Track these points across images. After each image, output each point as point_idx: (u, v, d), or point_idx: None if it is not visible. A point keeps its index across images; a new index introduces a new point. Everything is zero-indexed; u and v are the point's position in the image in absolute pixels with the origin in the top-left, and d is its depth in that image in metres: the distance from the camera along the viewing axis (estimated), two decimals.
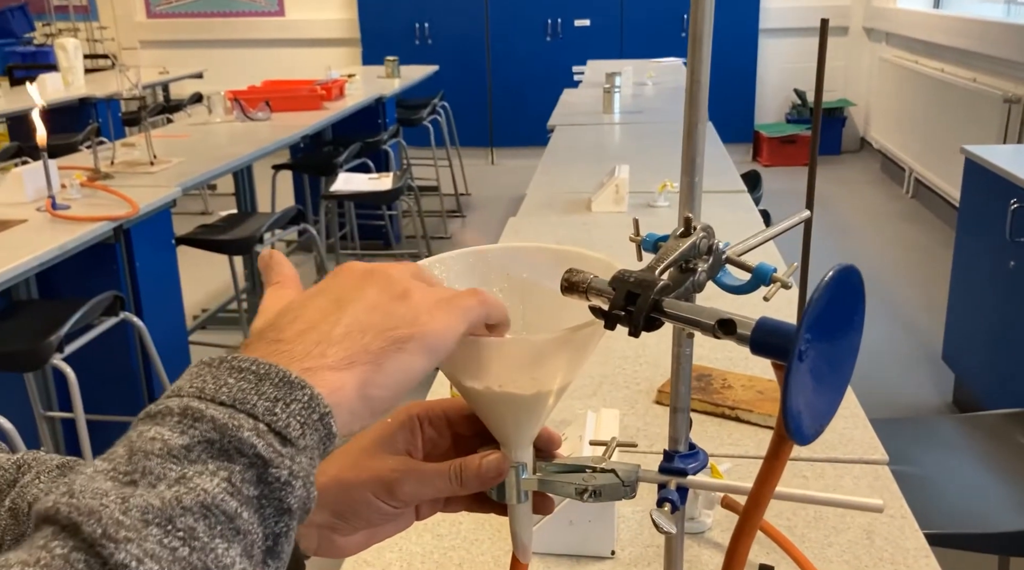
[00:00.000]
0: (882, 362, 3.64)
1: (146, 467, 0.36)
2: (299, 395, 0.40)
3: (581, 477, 0.60)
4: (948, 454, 1.74)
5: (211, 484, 0.36)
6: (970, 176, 3.10)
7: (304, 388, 0.40)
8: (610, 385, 1.41)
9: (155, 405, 0.39)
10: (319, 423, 0.40)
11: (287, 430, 0.38)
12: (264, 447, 0.37)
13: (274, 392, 0.39)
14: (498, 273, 0.61)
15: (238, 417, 0.38)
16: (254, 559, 0.36)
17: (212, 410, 0.38)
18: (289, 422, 0.39)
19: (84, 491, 0.34)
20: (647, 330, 0.49)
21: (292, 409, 0.39)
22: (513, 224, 2.34)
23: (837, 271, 0.43)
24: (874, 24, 7.13)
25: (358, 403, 0.43)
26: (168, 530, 0.34)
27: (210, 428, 0.37)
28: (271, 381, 0.39)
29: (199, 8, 8.14)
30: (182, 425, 0.37)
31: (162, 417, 0.38)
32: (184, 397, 0.39)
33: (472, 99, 7.48)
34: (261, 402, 0.39)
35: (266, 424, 0.38)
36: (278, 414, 0.39)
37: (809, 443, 0.45)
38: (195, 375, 0.40)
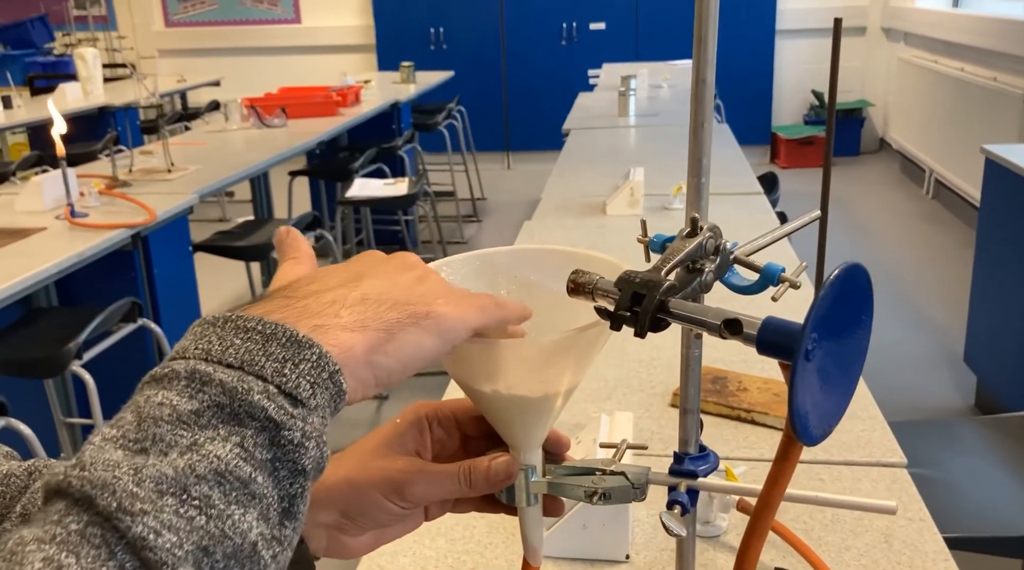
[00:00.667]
0: (903, 364, 3.60)
1: (156, 434, 0.35)
2: (307, 354, 0.39)
3: (591, 480, 0.60)
4: (969, 457, 1.72)
5: (224, 450, 0.35)
6: (991, 176, 3.06)
7: (312, 347, 0.39)
8: (625, 388, 1.41)
9: (160, 368, 0.38)
10: (329, 381, 0.39)
11: (297, 391, 0.38)
12: (275, 410, 0.37)
13: (282, 352, 0.38)
14: (506, 275, 0.61)
15: (247, 380, 0.37)
16: (271, 522, 0.36)
17: (220, 373, 0.37)
18: (299, 382, 0.38)
19: (95, 463, 0.33)
20: (653, 331, 0.48)
21: (301, 369, 0.38)
22: (528, 228, 2.33)
23: (843, 270, 0.42)
24: (892, 24, 7.08)
25: (365, 368, 0.42)
26: (183, 499, 0.33)
27: (219, 392, 0.37)
28: (278, 341, 0.39)
29: (216, 17, 8.20)
30: (190, 389, 0.37)
31: (169, 381, 0.37)
32: (190, 359, 0.38)
33: (488, 104, 7.49)
34: (269, 363, 0.38)
35: (276, 386, 0.38)
36: (287, 375, 0.38)
37: (816, 443, 0.44)
38: (199, 335, 0.39)
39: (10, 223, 2.64)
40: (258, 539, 0.35)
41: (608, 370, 1.46)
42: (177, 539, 0.32)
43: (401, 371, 0.44)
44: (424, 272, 0.48)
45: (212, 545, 0.33)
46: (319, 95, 4.78)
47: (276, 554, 0.36)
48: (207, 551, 0.33)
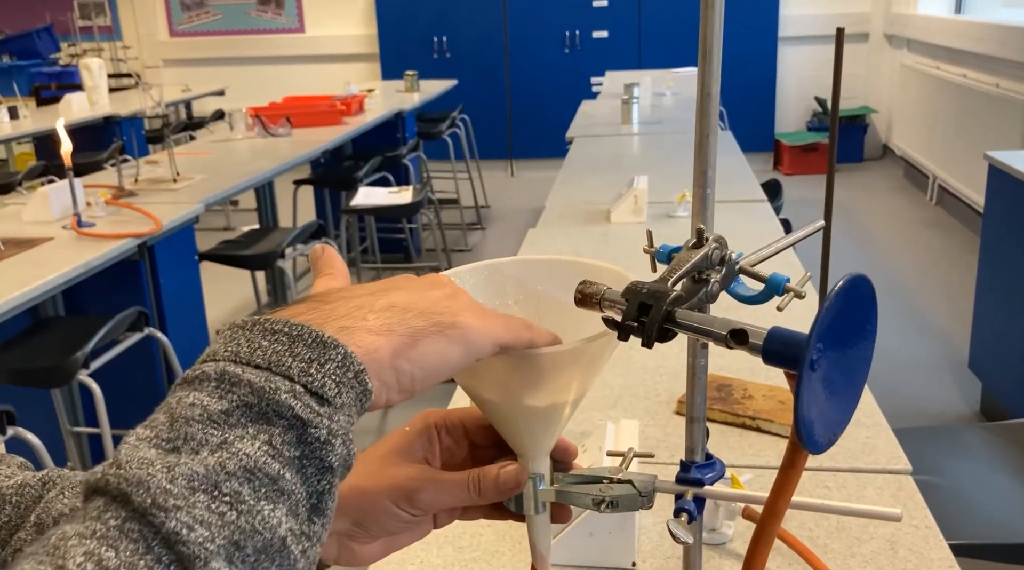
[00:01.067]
0: (908, 371, 3.60)
1: (188, 433, 0.36)
2: (333, 354, 0.40)
3: (598, 488, 0.60)
4: (975, 463, 1.72)
5: (252, 448, 0.36)
6: (994, 182, 3.07)
7: (337, 347, 0.40)
8: (631, 396, 1.41)
9: (192, 371, 0.40)
10: (354, 380, 0.40)
11: (323, 390, 0.39)
12: (302, 408, 0.38)
13: (308, 353, 0.40)
14: (513, 285, 0.62)
15: (274, 380, 0.38)
16: (300, 518, 0.37)
17: (248, 374, 0.38)
18: (324, 382, 0.39)
19: (130, 461, 0.35)
20: (660, 341, 0.49)
21: (327, 369, 0.40)
22: (532, 236, 2.34)
23: (848, 280, 0.43)
24: (895, 31, 7.09)
25: (389, 372, 0.43)
26: (215, 495, 0.34)
27: (247, 392, 0.38)
28: (304, 342, 0.40)
29: (220, 26, 8.24)
30: (220, 390, 0.38)
31: (199, 383, 0.39)
32: (220, 361, 0.39)
33: (491, 112, 7.51)
34: (296, 363, 0.39)
35: (302, 385, 0.39)
36: (313, 374, 0.39)
37: (822, 452, 0.45)
38: (229, 339, 0.41)
39: (17, 233, 2.65)
40: (287, 534, 0.36)
41: (614, 378, 1.47)
42: (209, 534, 0.33)
43: (424, 378, 0.45)
44: (454, 290, 0.49)
45: (243, 539, 0.34)
46: (323, 104, 4.80)
47: (305, 549, 0.37)
48: (238, 545, 0.34)
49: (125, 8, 8.33)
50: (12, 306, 2.16)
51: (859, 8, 7.34)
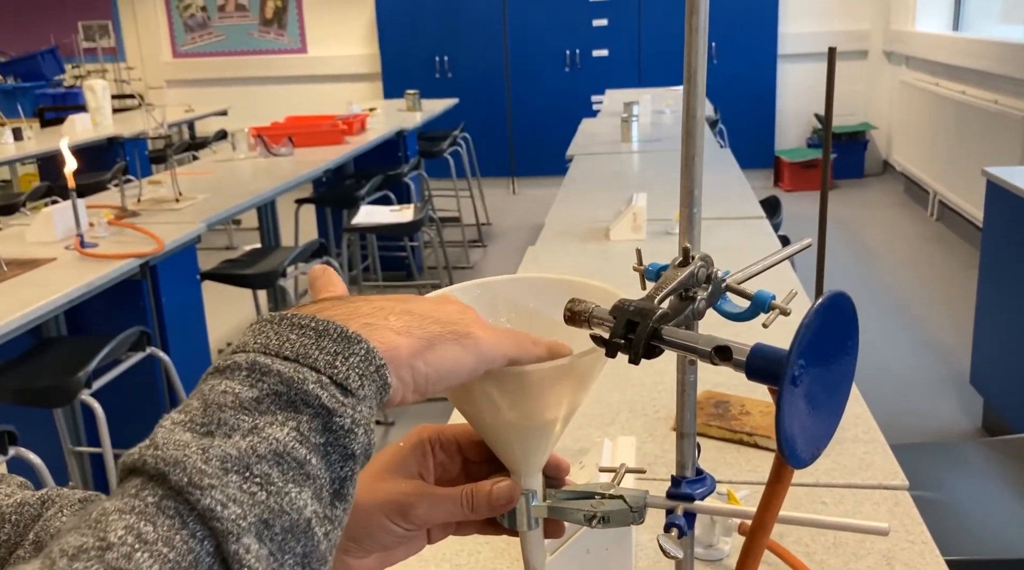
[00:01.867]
0: (910, 387, 3.60)
1: (220, 419, 0.38)
2: (356, 349, 0.42)
3: (590, 504, 0.61)
4: (974, 479, 1.72)
5: (282, 433, 0.38)
6: (992, 198, 3.08)
7: (361, 342, 0.42)
8: (628, 413, 1.42)
9: (223, 360, 0.42)
10: (375, 374, 0.42)
11: (347, 381, 0.41)
12: (328, 398, 0.40)
13: (333, 347, 0.42)
14: (505, 304, 0.63)
15: (302, 371, 0.40)
16: (323, 501, 0.39)
17: (278, 365, 0.40)
18: (349, 374, 0.41)
19: (167, 443, 0.37)
20: (647, 357, 0.50)
21: (351, 362, 0.42)
22: (532, 253, 2.35)
23: (827, 298, 0.44)
24: (894, 47, 7.13)
25: (407, 370, 0.45)
26: (246, 476, 0.36)
27: (277, 381, 0.40)
28: (330, 336, 0.42)
29: (223, 47, 8.30)
30: (251, 379, 0.40)
31: (231, 372, 0.41)
32: (250, 352, 0.41)
33: (493, 130, 7.55)
34: (322, 356, 0.41)
35: (328, 376, 0.41)
36: (338, 367, 0.41)
37: (805, 466, 0.45)
38: (258, 332, 0.43)
39: (21, 254, 2.67)
40: (312, 516, 0.38)
41: (611, 394, 1.47)
42: (241, 511, 0.35)
43: (437, 381, 0.47)
44: (464, 307, 0.51)
45: (271, 518, 0.36)
46: (325, 124, 4.83)
47: (328, 532, 0.39)
48: (267, 524, 0.36)
49: (129, 29, 8.40)
50: (16, 326, 2.17)
51: (858, 26, 7.38)
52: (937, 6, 6.58)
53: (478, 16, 7.41)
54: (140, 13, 8.32)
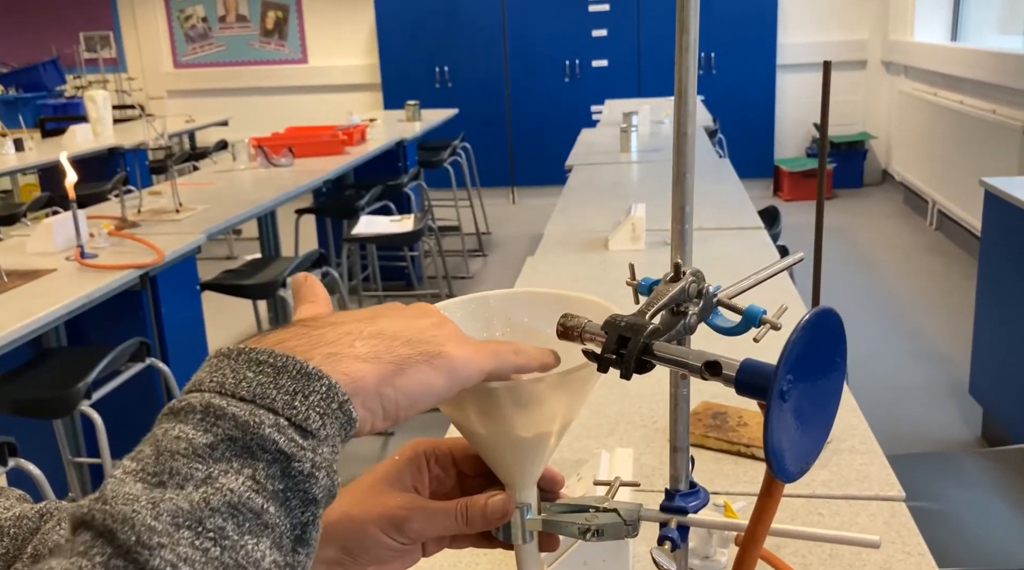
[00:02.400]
0: (909, 397, 3.60)
1: (173, 467, 0.37)
2: (317, 386, 0.41)
3: (584, 517, 0.61)
4: (972, 490, 1.72)
5: (237, 483, 0.37)
6: (990, 208, 3.09)
7: (322, 379, 0.41)
8: (627, 424, 1.42)
9: (178, 401, 0.40)
10: (338, 411, 0.41)
11: (307, 422, 0.40)
12: (285, 442, 0.39)
13: (292, 385, 0.40)
14: (500, 318, 0.64)
15: (258, 413, 0.39)
16: (284, 549, 0.38)
17: (233, 407, 0.39)
18: (308, 414, 0.40)
19: (116, 497, 0.35)
20: (638, 373, 0.50)
21: (311, 400, 0.40)
22: (531, 263, 2.36)
23: (814, 314, 0.44)
24: (892, 58, 7.15)
25: (374, 399, 0.44)
26: (199, 532, 0.35)
27: (232, 426, 0.38)
28: (289, 374, 0.41)
29: (224, 58, 8.33)
30: (205, 423, 0.38)
31: (185, 414, 0.39)
32: (205, 392, 0.40)
33: (493, 140, 7.57)
34: (280, 396, 0.40)
35: (286, 418, 0.39)
36: (297, 407, 0.40)
37: (794, 480, 0.46)
38: (215, 367, 0.41)
39: (21, 264, 2.68)
40: (271, 566, 0.37)
41: (609, 406, 1.48)
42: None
43: (408, 406, 0.45)
44: (441, 320, 0.49)
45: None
46: (326, 134, 4.85)
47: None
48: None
49: (130, 40, 8.43)
50: (16, 337, 2.18)
51: (856, 36, 7.41)
52: (935, 16, 6.60)
53: (478, 26, 7.44)
54: (141, 24, 8.35)
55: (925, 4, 6.60)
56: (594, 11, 7.31)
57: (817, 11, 7.40)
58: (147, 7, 8.31)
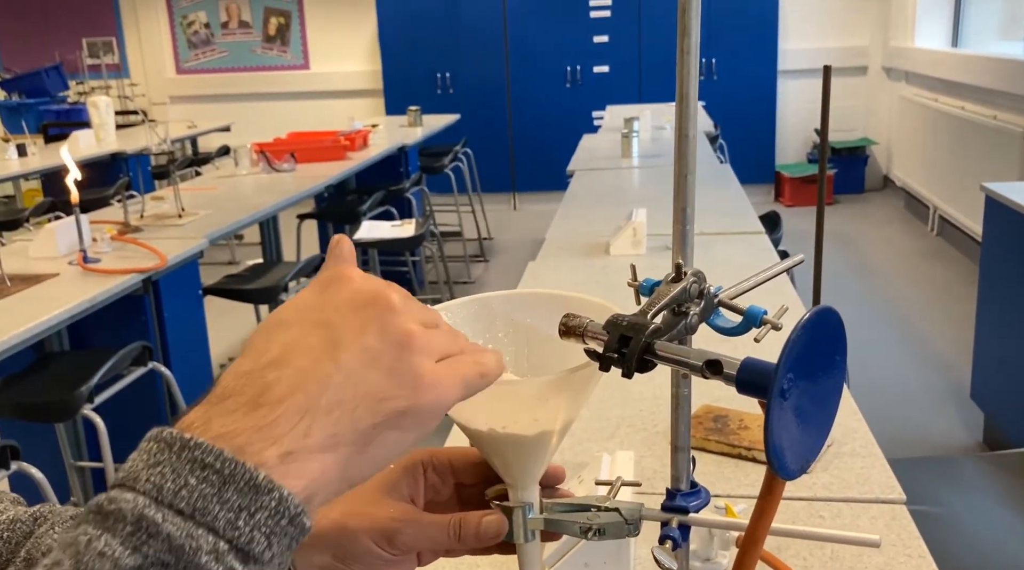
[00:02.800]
0: (910, 402, 3.60)
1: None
2: (266, 501, 0.37)
3: (586, 516, 0.62)
4: (973, 494, 1.72)
5: None
6: (991, 214, 3.09)
7: (272, 492, 0.37)
8: (628, 427, 1.42)
9: (108, 501, 0.36)
10: (289, 526, 0.38)
11: (250, 546, 0.36)
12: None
13: (238, 500, 0.36)
14: (502, 319, 0.64)
15: (196, 535, 0.35)
16: None
17: (168, 525, 0.35)
18: (252, 536, 0.36)
19: None
20: (640, 372, 0.51)
21: (257, 520, 0.36)
22: (532, 268, 2.36)
23: (814, 313, 0.45)
24: (893, 63, 7.17)
25: (339, 485, 0.41)
26: None
27: (165, 549, 0.35)
28: (236, 486, 0.36)
29: (227, 63, 8.35)
30: (135, 539, 0.35)
31: (114, 522, 0.35)
32: (140, 495, 0.36)
33: (494, 145, 7.59)
34: (223, 513, 0.36)
35: (227, 541, 0.36)
36: (241, 528, 0.36)
37: (795, 478, 0.46)
38: (154, 461, 0.37)
39: (24, 269, 2.68)
40: None
41: (612, 409, 1.48)
42: None
43: (377, 469, 0.43)
44: (405, 332, 0.43)
45: None
46: (327, 139, 4.86)
47: None
48: None
49: (133, 46, 8.46)
50: (18, 341, 2.18)
51: (857, 42, 7.42)
52: (936, 22, 6.62)
53: (479, 33, 7.46)
54: (144, 30, 8.38)
55: (926, 10, 6.62)
56: (595, 17, 7.32)
57: (818, 17, 7.42)
58: (150, 13, 8.34)
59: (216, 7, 8.24)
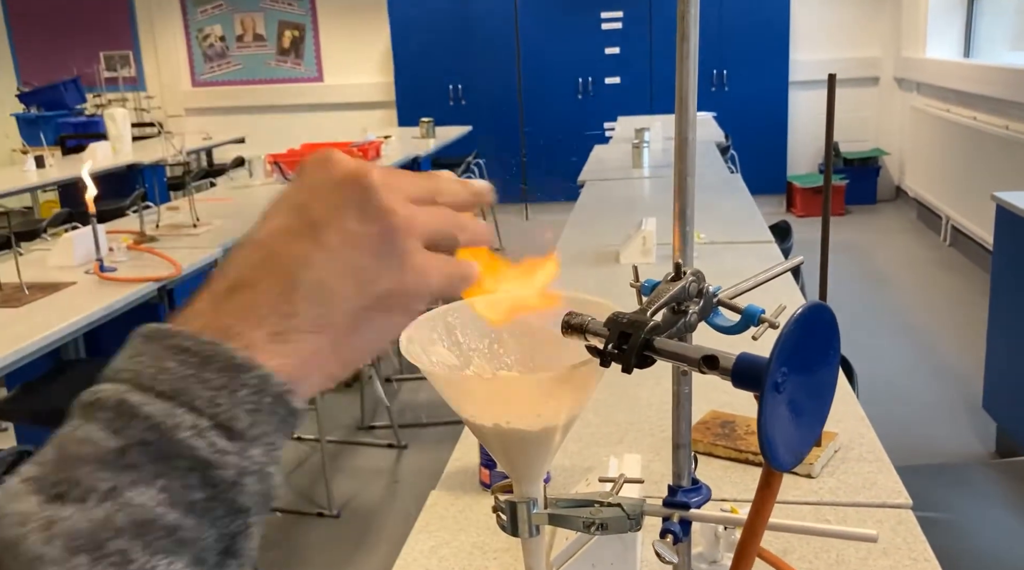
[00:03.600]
0: (923, 411, 3.59)
1: (75, 478, 0.33)
2: (246, 379, 0.36)
3: (589, 511, 0.63)
4: (983, 501, 1.72)
5: (146, 497, 0.33)
6: (1002, 223, 3.09)
7: (252, 371, 0.36)
8: (636, 432, 1.44)
9: (91, 392, 0.36)
10: (274, 406, 0.36)
11: (233, 422, 0.35)
12: (205, 448, 0.34)
13: (218, 379, 0.35)
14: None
15: (176, 414, 0.34)
16: (208, 563, 0.34)
17: (148, 406, 0.34)
18: (234, 413, 0.35)
19: (6, 516, 0.32)
20: (639, 367, 0.52)
21: (239, 396, 0.35)
22: None
23: (806, 308, 0.46)
24: (905, 74, 7.16)
25: (334, 368, 0.40)
26: (97, 557, 0.31)
27: (145, 428, 0.34)
28: (216, 366, 0.36)
29: (242, 76, 8.43)
30: (116, 423, 0.34)
31: (95, 411, 0.35)
32: (120, 384, 0.36)
33: (506, 156, 7.62)
34: (203, 391, 0.35)
35: (209, 418, 0.35)
36: (222, 404, 0.35)
37: (788, 469, 0.48)
38: (135, 352, 0.37)
39: (42, 278, 2.72)
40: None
41: (620, 414, 1.49)
42: None
43: (370, 354, 0.42)
44: (385, 209, 0.40)
45: None
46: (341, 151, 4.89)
47: None
48: None
49: (149, 59, 8.55)
50: (36, 349, 2.21)
51: (869, 53, 7.43)
52: (948, 33, 6.61)
53: (492, 45, 7.51)
54: (160, 43, 8.47)
55: (937, 21, 6.62)
56: (607, 29, 7.36)
57: (829, 28, 7.43)
58: (166, 27, 8.43)
59: (231, 21, 8.32)
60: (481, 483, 1.28)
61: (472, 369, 0.62)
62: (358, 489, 3.23)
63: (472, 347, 0.64)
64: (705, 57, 7.21)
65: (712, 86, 7.25)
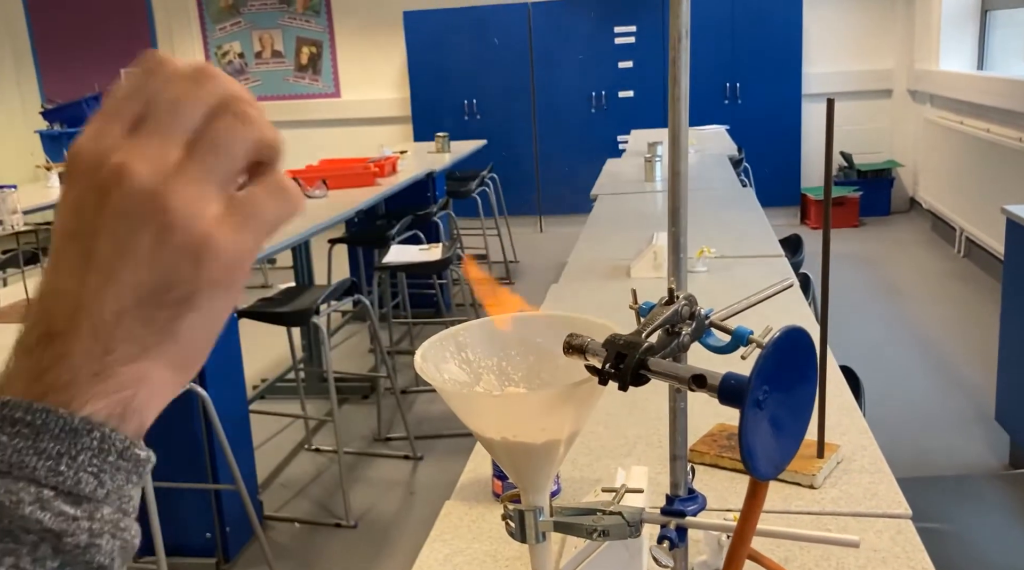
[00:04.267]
0: (935, 423, 3.60)
1: None
2: (86, 442, 0.35)
3: (591, 519, 0.68)
4: (989, 513, 1.75)
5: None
6: (1013, 235, 3.11)
7: (92, 432, 0.35)
8: (644, 445, 1.48)
9: None
10: (119, 461, 0.35)
11: (78, 487, 0.34)
12: (51, 519, 0.33)
13: (56, 447, 0.34)
14: (515, 339, 0.71)
15: (15, 489, 0.33)
16: None
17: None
18: (78, 478, 0.34)
19: None
20: (634, 385, 0.57)
21: (80, 461, 0.34)
22: (555, 290, 2.43)
23: (783, 332, 0.51)
24: (918, 86, 7.18)
25: (179, 376, 0.38)
26: None
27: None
28: (51, 434, 0.34)
29: (260, 92, 8.55)
30: None
31: None
32: None
33: (520, 170, 7.69)
34: (42, 462, 0.34)
35: (51, 488, 0.34)
36: (64, 472, 0.34)
37: (768, 478, 0.52)
38: None
39: None
40: None
41: (629, 428, 1.53)
42: None
43: (209, 344, 0.39)
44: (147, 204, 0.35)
45: None
46: (358, 166, 4.97)
47: None
48: None
49: None
50: None
51: (882, 65, 7.45)
52: (961, 45, 6.63)
53: (506, 60, 7.59)
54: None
55: (950, 33, 6.63)
56: (620, 43, 7.42)
57: (842, 41, 7.46)
58: (186, 44, 8.57)
59: (250, 37, 8.45)
60: (494, 494, 1.32)
61: (482, 385, 0.67)
62: (375, 500, 3.28)
63: (482, 364, 0.69)
64: (718, 70, 7.26)
65: (725, 99, 7.29)
